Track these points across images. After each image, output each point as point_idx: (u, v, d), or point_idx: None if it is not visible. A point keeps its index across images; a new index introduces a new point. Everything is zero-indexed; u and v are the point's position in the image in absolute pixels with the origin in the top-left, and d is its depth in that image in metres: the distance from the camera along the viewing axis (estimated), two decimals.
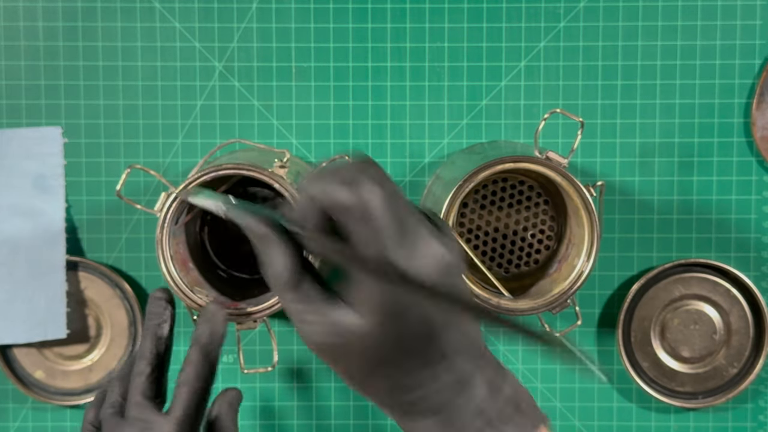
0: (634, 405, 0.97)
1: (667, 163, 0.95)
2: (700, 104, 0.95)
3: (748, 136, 0.95)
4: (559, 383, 0.96)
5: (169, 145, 0.95)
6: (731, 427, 0.96)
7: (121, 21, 0.94)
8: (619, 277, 0.96)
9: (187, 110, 0.95)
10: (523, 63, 0.94)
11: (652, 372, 0.95)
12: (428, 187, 0.94)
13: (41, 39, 0.94)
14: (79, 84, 0.95)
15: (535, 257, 0.91)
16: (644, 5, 0.94)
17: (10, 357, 0.95)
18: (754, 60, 0.94)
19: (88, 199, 0.95)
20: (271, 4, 0.94)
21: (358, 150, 0.94)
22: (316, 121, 0.95)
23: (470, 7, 0.94)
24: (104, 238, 0.95)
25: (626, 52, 0.94)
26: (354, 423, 0.96)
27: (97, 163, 0.95)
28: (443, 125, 0.95)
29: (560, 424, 0.96)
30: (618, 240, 0.96)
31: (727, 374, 0.95)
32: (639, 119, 0.95)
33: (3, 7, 0.94)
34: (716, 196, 0.95)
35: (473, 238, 0.90)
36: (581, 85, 0.94)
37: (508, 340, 0.96)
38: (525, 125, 0.95)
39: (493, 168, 0.82)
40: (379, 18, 0.94)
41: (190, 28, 0.94)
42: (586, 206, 0.83)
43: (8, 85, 0.95)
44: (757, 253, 0.95)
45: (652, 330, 0.95)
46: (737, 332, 0.95)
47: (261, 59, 0.94)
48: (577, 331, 0.96)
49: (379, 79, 0.95)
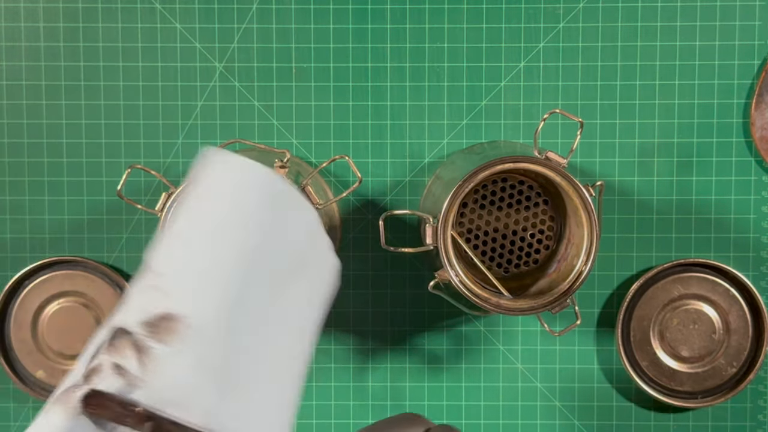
0: (634, 404, 0.97)
1: (667, 163, 0.95)
2: (699, 104, 0.95)
3: (747, 137, 0.95)
4: (558, 383, 0.96)
5: (169, 145, 0.95)
6: (730, 426, 0.97)
7: (121, 22, 0.94)
8: (618, 277, 0.96)
9: (187, 110, 0.95)
10: (523, 63, 0.95)
11: (652, 371, 0.95)
12: (428, 187, 0.94)
13: (42, 40, 0.94)
14: (80, 84, 0.95)
15: (534, 257, 0.91)
16: (643, 6, 0.94)
17: (12, 357, 0.95)
18: (753, 60, 0.94)
19: (89, 199, 0.95)
20: (272, 5, 0.94)
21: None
22: (316, 121, 0.95)
23: (470, 8, 0.94)
24: (105, 238, 0.96)
25: (625, 53, 0.94)
26: (354, 423, 0.97)
27: (98, 163, 0.95)
28: (443, 125, 0.95)
29: (560, 424, 0.96)
30: (617, 240, 0.96)
31: (726, 374, 0.95)
32: (638, 119, 0.95)
33: (4, 7, 0.94)
34: (715, 196, 0.95)
35: (473, 238, 0.91)
36: (580, 85, 0.95)
37: (507, 340, 0.97)
38: (524, 125, 0.95)
39: (493, 168, 0.82)
40: (379, 19, 0.94)
41: (191, 29, 0.94)
42: (585, 206, 0.83)
43: (9, 85, 0.95)
44: (756, 252, 0.96)
45: (651, 329, 0.95)
46: (736, 332, 0.95)
47: (261, 60, 0.95)
48: (576, 331, 0.96)
49: (379, 79, 0.95)
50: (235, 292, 0.61)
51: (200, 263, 0.62)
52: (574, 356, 0.97)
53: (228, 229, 0.63)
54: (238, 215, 0.63)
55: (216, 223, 0.63)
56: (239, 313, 0.61)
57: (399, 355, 0.97)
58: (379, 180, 0.96)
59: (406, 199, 0.96)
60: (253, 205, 0.64)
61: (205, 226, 0.63)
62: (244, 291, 0.61)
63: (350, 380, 0.97)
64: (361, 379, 0.97)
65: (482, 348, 0.97)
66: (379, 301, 0.97)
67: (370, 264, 0.96)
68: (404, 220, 0.96)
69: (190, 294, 0.60)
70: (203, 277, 0.61)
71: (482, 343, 0.97)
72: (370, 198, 0.96)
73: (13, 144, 0.95)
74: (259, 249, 0.63)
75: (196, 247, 0.62)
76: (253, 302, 0.62)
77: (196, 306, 0.60)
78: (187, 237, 0.63)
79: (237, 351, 0.60)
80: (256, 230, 0.63)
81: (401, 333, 0.97)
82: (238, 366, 0.60)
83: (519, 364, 0.97)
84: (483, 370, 0.97)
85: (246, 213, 0.63)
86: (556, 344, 0.96)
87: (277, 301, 0.63)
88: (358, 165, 0.94)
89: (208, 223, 0.63)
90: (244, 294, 0.61)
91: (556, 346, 0.96)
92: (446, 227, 0.82)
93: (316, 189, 0.86)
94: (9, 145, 0.95)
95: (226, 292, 0.61)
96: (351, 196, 0.96)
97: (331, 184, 0.96)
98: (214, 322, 0.60)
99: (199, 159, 0.66)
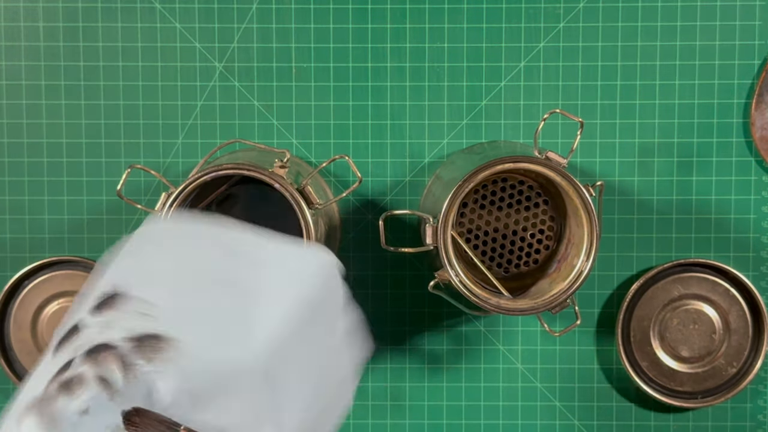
0: (634, 404, 0.97)
1: (667, 163, 0.95)
2: (700, 104, 0.95)
3: (747, 137, 0.95)
4: (558, 383, 0.96)
5: (169, 145, 0.95)
6: (730, 426, 0.97)
7: (121, 21, 0.94)
8: (618, 277, 0.96)
9: (187, 110, 0.95)
10: (523, 63, 0.94)
11: (652, 371, 0.95)
12: (428, 187, 0.94)
13: (42, 39, 0.94)
14: (80, 84, 0.95)
15: (534, 257, 0.91)
16: (643, 6, 0.94)
17: (11, 357, 0.95)
18: (753, 60, 0.94)
19: (89, 199, 0.95)
20: (271, 5, 0.94)
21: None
22: (316, 121, 0.95)
23: (470, 8, 0.94)
24: (105, 237, 0.95)
25: (626, 53, 0.94)
26: (354, 423, 0.97)
27: (98, 163, 0.95)
28: (443, 125, 0.95)
29: (560, 424, 0.96)
30: (617, 240, 0.96)
31: (726, 374, 0.95)
32: (638, 119, 0.95)
33: (4, 7, 0.94)
34: (715, 196, 0.95)
35: (473, 238, 0.90)
36: (581, 85, 0.95)
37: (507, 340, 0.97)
38: (524, 125, 0.95)
39: (493, 168, 0.82)
40: (379, 18, 0.94)
41: (191, 29, 0.94)
42: (585, 206, 0.83)
43: (9, 85, 0.95)
44: (756, 252, 0.96)
45: (651, 330, 0.95)
46: (736, 332, 0.95)
47: (261, 59, 0.95)
48: (576, 331, 0.96)
49: (379, 79, 0.95)
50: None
51: (197, 305, 0.62)
52: (574, 356, 0.96)
53: (230, 278, 0.63)
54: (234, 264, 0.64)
55: (212, 271, 0.64)
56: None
57: (399, 355, 0.97)
58: (379, 180, 0.96)
59: (406, 199, 0.96)
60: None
61: (201, 273, 0.64)
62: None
63: None
64: (361, 379, 0.97)
65: (482, 348, 0.97)
66: (379, 301, 0.96)
67: (370, 264, 0.96)
68: (404, 220, 0.96)
69: (188, 326, 0.60)
70: (201, 318, 0.61)
71: (482, 343, 0.97)
72: (370, 198, 0.96)
73: (13, 144, 0.95)
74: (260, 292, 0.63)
75: (193, 291, 0.63)
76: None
77: (187, 333, 0.60)
78: (181, 280, 0.63)
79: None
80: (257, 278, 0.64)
81: (401, 333, 0.97)
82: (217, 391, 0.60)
83: (519, 364, 0.97)
84: (483, 370, 0.97)
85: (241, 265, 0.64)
86: (556, 344, 0.96)
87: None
88: (358, 165, 0.94)
89: (204, 271, 0.64)
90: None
91: (556, 346, 0.96)
92: (446, 227, 0.82)
93: (316, 189, 0.86)
94: (9, 145, 0.95)
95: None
96: (351, 196, 0.96)
97: (331, 184, 0.96)
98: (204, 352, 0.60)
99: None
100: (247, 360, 0.59)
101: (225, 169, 0.81)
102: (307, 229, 0.82)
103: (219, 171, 0.81)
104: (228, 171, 0.81)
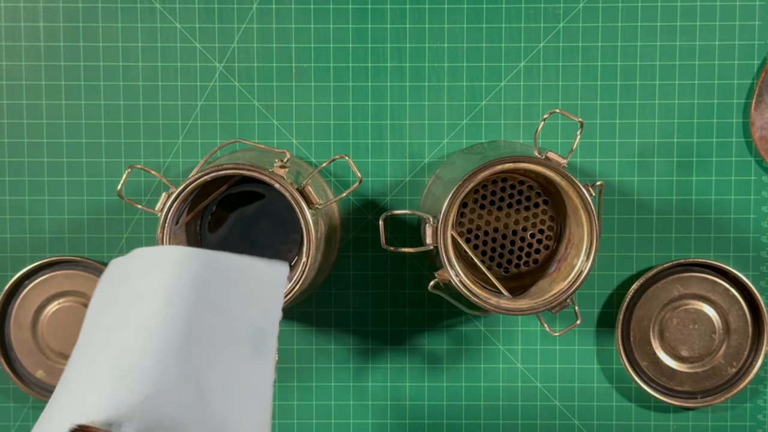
0: (634, 404, 0.97)
1: (666, 163, 0.95)
2: (699, 104, 0.95)
3: (747, 137, 0.95)
4: (558, 383, 0.96)
5: (169, 145, 0.95)
6: (730, 426, 0.97)
7: (121, 21, 0.94)
8: (618, 277, 0.96)
9: (187, 110, 0.95)
10: (523, 63, 0.95)
11: (651, 371, 0.95)
12: (428, 187, 0.94)
13: (42, 39, 0.94)
14: (80, 84, 0.95)
15: (534, 257, 0.91)
16: (643, 6, 0.94)
17: (12, 357, 0.96)
18: (753, 60, 0.94)
19: (89, 199, 0.95)
20: (272, 5, 0.94)
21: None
22: (316, 121, 0.95)
23: (470, 8, 0.94)
24: (105, 237, 0.96)
25: (625, 53, 0.94)
26: (354, 423, 0.97)
27: (98, 163, 0.95)
28: (443, 125, 0.95)
29: (560, 424, 0.96)
30: (617, 240, 0.96)
31: (725, 373, 0.96)
32: (638, 119, 0.95)
33: (4, 7, 0.94)
34: (715, 196, 0.95)
35: (473, 238, 0.91)
36: (580, 85, 0.95)
37: (507, 340, 0.97)
38: (524, 125, 0.95)
39: (493, 168, 0.82)
40: (379, 19, 0.94)
41: (191, 29, 0.94)
42: (585, 206, 0.83)
43: (9, 85, 0.95)
44: (755, 252, 0.96)
45: (651, 329, 0.95)
46: (736, 332, 0.95)
47: (261, 60, 0.95)
48: (576, 331, 0.96)
49: (379, 79, 0.95)
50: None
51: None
52: (574, 356, 0.97)
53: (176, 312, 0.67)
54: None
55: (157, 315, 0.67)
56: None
57: (399, 355, 0.97)
58: (379, 180, 0.96)
59: (406, 199, 0.96)
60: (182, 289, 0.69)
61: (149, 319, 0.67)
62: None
63: (350, 380, 0.97)
64: (361, 379, 0.97)
65: (482, 348, 0.97)
66: (379, 301, 0.97)
67: (370, 264, 0.96)
68: (404, 220, 0.96)
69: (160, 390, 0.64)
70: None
71: (482, 343, 0.97)
72: (370, 198, 0.96)
73: (13, 144, 0.95)
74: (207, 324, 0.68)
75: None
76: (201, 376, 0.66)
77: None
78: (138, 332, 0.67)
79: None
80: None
81: (401, 333, 0.97)
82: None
83: (519, 364, 0.97)
84: (483, 370, 0.97)
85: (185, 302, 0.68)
86: (556, 344, 0.96)
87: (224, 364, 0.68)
88: (358, 165, 0.94)
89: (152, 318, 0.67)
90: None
91: (556, 346, 0.96)
92: (446, 227, 0.82)
93: (316, 189, 0.86)
94: (9, 144, 0.95)
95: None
96: (351, 196, 0.96)
97: (331, 184, 0.96)
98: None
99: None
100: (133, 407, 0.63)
101: (225, 169, 0.81)
102: (307, 229, 0.82)
103: (219, 171, 0.81)
104: (228, 171, 0.81)
